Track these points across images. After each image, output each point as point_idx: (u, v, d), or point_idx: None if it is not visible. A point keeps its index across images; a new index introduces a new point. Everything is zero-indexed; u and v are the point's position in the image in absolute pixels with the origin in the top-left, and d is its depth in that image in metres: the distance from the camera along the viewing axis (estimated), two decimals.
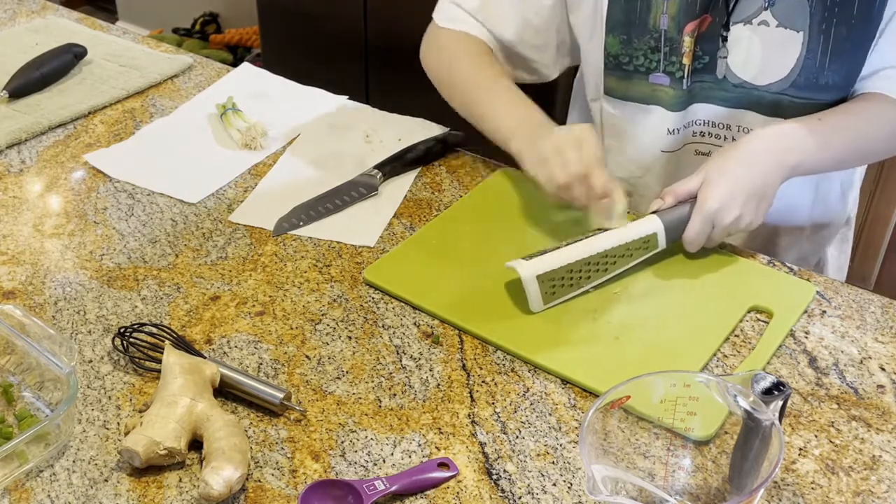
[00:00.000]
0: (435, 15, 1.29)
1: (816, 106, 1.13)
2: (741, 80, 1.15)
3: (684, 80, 1.16)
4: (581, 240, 1.03)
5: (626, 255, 1.04)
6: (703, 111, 1.19)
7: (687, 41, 1.13)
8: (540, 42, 1.24)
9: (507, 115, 1.17)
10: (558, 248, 1.02)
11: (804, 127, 1.10)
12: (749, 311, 1.02)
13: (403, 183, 1.24)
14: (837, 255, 1.36)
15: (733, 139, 1.20)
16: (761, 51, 1.12)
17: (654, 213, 1.06)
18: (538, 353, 0.95)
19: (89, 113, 1.40)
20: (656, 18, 1.13)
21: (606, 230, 1.04)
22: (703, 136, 1.22)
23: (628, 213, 1.07)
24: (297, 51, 2.77)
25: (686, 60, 1.14)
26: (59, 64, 1.47)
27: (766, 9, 1.10)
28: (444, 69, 1.26)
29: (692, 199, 1.05)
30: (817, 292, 1.05)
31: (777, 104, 1.15)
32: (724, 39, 1.12)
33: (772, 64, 1.13)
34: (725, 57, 1.14)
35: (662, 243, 1.05)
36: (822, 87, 1.12)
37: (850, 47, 1.10)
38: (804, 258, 1.31)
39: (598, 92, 1.26)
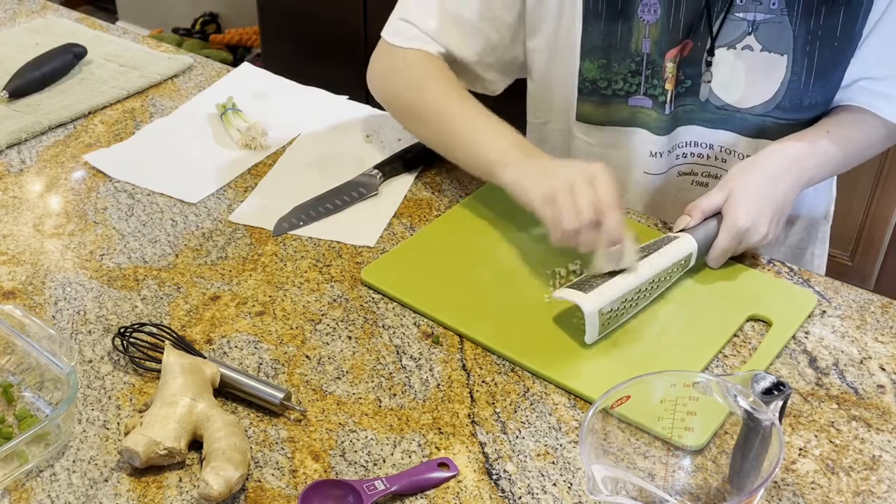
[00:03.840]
0: (386, 34, 1.22)
1: (800, 125, 1.15)
2: (724, 102, 1.15)
3: (667, 106, 1.15)
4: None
5: (667, 278, 1.02)
6: (688, 133, 1.19)
7: (669, 67, 1.12)
8: (494, 60, 1.21)
9: (493, 143, 1.09)
10: (604, 273, 0.98)
11: (816, 143, 1.10)
12: (747, 321, 1.01)
13: (403, 183, 1.24)
14: (818, 253, 1.36)
15: (716, 158, 1.20)
16: (745, 75, 1.12)
17: (682, 230, 1.05)
18: (535, 359, 0.94)
19: (89, 113, 1.40)
20: (638, 43, 1.12)
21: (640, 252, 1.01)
22: (687, 156, 1.22)
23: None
24: (297, 51, 2.77)
25: (669, 86, 1.14)
26: (59, 64, 1.47)
27: (749, 34, 1.10)
28: (406, 94, 1.20)
29: (716, 214, 1.05)
30: (817, 292, 1.05)
31: (761, 126, 1.15)
32: (709, 64, 1.12)
33: (756, 87, 1.13)
34: (709, 81, 1.13)
35: (693, 261, 1.04)
36: (805, 108, 1.13)
37: (832, 67, 1.11)
38: (789, 261, 1.31)
39: (552, 115, 1.24)
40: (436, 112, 1.16)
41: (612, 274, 0.98)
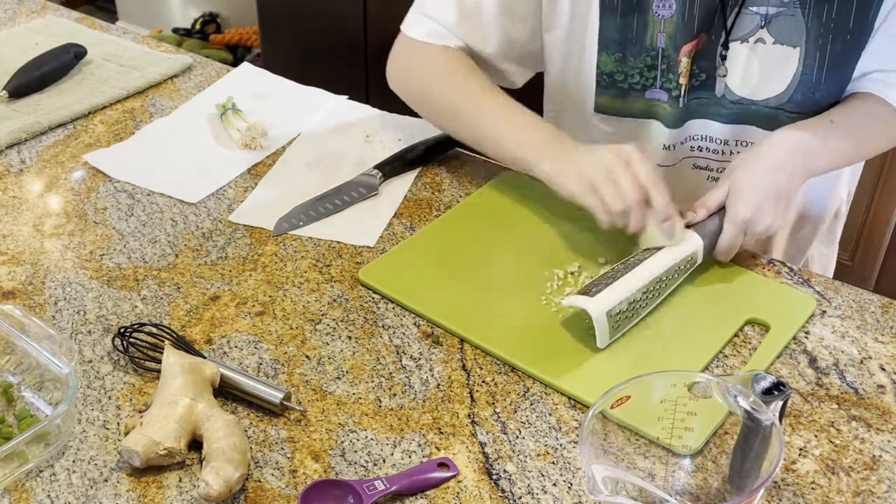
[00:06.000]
0: (406, 28, 1.23)
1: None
2: (739, 96, 1.15)
3: (681, 99, 1.15)
4: (629, 265, 1.00)
5: (674, 277, 1.02)
6: (701, 127, 1.19)
7: (684, 62, 1.12)
8: (515, 54, 1.22)
9: (523, 138, 1.11)
10: (609, 276, 0.99)
11: (819, 131, 1.10)
12: (746, 324, 1.00)
13: (403, 183, 1.24)
14: (825, 252, 1.36)
15: (731, 153, 1.20)
16: (759, 68, 1.12)
17: (687, 227, 1.05)
18: (534, 363, 0.94)
19: (89, 113, 1.40)
20: (653, 37, 1.12)
21: (648, 251, 1.01)
22: (701, 150, 1.22)
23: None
24: (297, 51, 2.77)
25: (683, 80, 1.14)
26: (59, 64, 1.47)
27: (762, 27, 1.10)
28: (431, 90, 1.21)
29: (720, 210, 1.05)
30: (817, 292, 1.05)
31: (775, 118, 1.15)
32: (724, 59, 1.12)
33: (769, 80, 1.13)
34: (724, 76, 1.13)
35: (700, 258, 1.04)
36: (817, 102, 1.13)
37: (843, 60, 1.10)
38: (790, 257, 1.31)
39: (567, 105, 1.24)
40: (464, 107, 1.17)
41: (617, 276, 0.98)
